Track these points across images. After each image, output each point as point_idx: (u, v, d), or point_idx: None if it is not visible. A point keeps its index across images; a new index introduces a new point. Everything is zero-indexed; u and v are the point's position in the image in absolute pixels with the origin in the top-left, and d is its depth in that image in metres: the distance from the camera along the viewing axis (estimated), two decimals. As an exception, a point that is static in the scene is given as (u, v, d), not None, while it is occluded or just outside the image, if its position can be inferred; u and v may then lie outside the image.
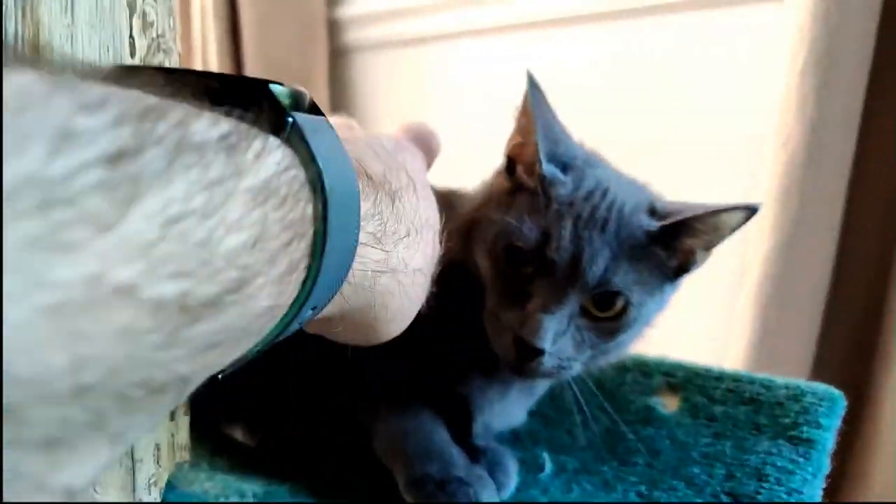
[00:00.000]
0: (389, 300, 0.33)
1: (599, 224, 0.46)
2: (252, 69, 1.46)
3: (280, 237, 0.22)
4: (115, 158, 0.17)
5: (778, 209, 0.89)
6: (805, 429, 0.51)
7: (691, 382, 0.57)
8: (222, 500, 0.46)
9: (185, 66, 1.55)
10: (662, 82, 1.09)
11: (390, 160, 0.35)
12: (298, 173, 0.23)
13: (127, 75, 0.21)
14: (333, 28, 1.46)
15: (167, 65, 0.36)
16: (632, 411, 0.56)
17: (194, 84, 0.25)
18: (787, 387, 0.54)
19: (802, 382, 0.54)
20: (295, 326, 0.26)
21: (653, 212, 0.49)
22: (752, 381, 0.55)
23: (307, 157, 0.24)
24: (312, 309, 0.26)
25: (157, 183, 0.17)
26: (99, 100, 0.17)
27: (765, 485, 0.48)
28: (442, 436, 0.49)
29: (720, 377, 0.57)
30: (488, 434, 0.55)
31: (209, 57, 1.47)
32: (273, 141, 0.23)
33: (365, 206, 0.29)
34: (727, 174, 1.03)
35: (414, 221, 0.34)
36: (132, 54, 0.33)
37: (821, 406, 0.52)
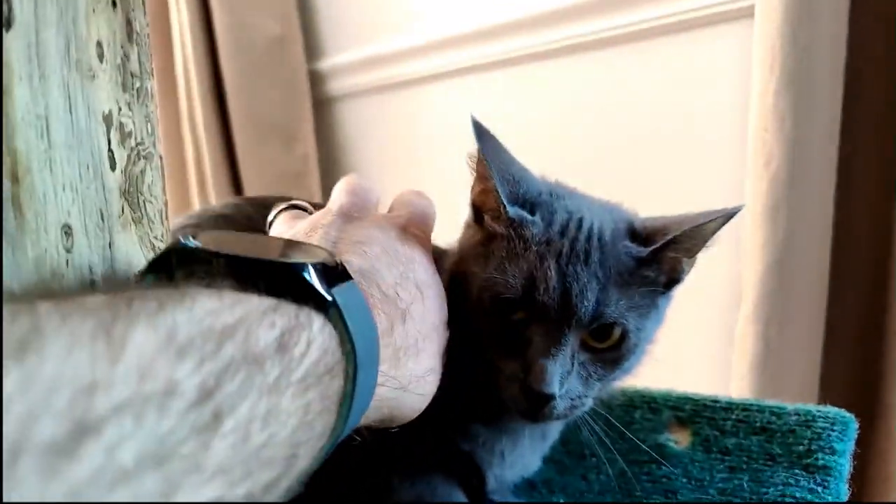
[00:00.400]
0: (404, 404, 0.37)
1: (582, 257, 0.45)
2: (238, 125, 1.47)
3: (319, 408, 0.25)
4: (202, 400, 0.20)
5: (767, 228, 0.89)
6: (820, 455, 0.50)
7: (700, 415, 0.57)
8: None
9: (170, 141, 1.56)
10: (642, 111, 1.10)
11: (402, 266, 0.39)
12: (336, 350, 0.27)
13: (188, 273, 0.27)
14: (315, 79, 1.48)
15: (149, 170, 0.36)
16: (644, 451, 0.56)
17: (243, 271, 0.28)
18: (797, 413, 0.54)
19: (813, 407, 0.54)
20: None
21: (633, 234, 0.48)
22: (761, 410, 0.55)
23: (344, 335, 0.28)
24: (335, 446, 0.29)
25: (233, 407, 0.21)
26: (188, 341, 0.20)
27: (785, 518, 0.47)
28: (458, 497, 0.49)
29: (729, 407, 0.56)
30: (504, 487, 0.54)
31: (196, 117, 1.48)
32: (317, 325, 0.26)
33: (384, 342, 0.33)
34: (711, 197, 1.03)
35: (421, 330, 0.37)
36: (112, 167, 0.33)
37: (833, 430, 0.51)
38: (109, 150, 0.33)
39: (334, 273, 0.30)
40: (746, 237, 0.93)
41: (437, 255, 0.54)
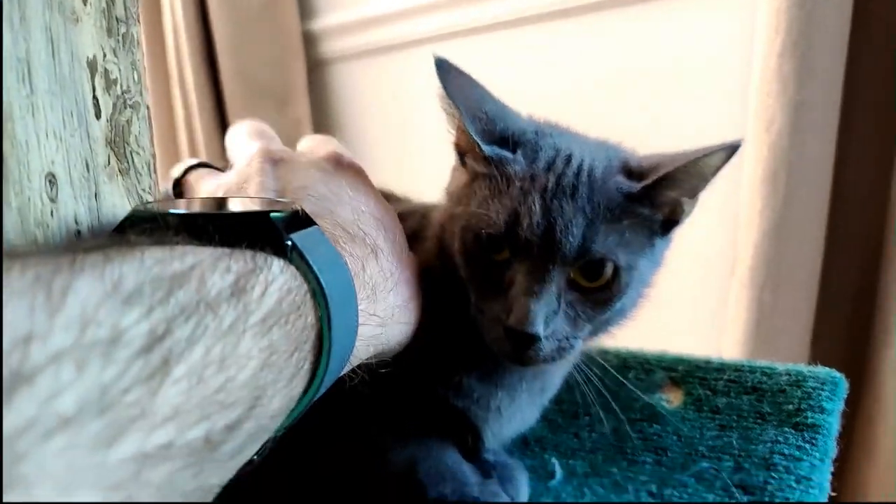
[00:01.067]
0: (390, 338, 0.37)
1: (568, 191, 0.43)
2: (230, 88, 1.45)
3: (286, 349, 0.25)
4: (150, 346, 0.20)
5: (766, 192, 0.88)
6: (809, 414, 0.51)
7: (693, 376, 0.57)
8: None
9: (160, 102, 1.55)
10: (643, 72, 1.09)
11: (353, 202, 0.39)
12: (300, 289, 0.27)
13: (141, 231, 0.27)
14: (309, 41, 1.46)
15: (135, 120, 0.35)
16: (636, 409, 0.56)
17: (202, 226, 0.28)
18: (788, 373, 0.54)
19: (804, 367, 0.54)
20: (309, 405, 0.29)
21: (629, 171, 0.46)
22: (753, 370, 0.55)
23: (308, 272, 0.27)
24: (324, 388, 0.30)
25: (184, 353, 0.21)
26: (136, 288, 0.20)
27: (773, 474, 0.48)
28: (452, 456, 0.49)
29: (721, 368, 0.57)
30: (503, 443, 0.54)
31: (186, 80, 1.46)
32: (276, 268, 0.26)
33: (358, 282, 0.33)
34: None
35: (393, 261, 0.37)
36: (97, 115, 0.33)
37: (823, 390, 0.52)
38: (94, 97, 0.32)
39: (296, 220, 0.31)
40: (744, 202, 0.93)
41: (429, 209, 0.54)
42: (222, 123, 1.51)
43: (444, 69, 0.45)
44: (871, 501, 0.87)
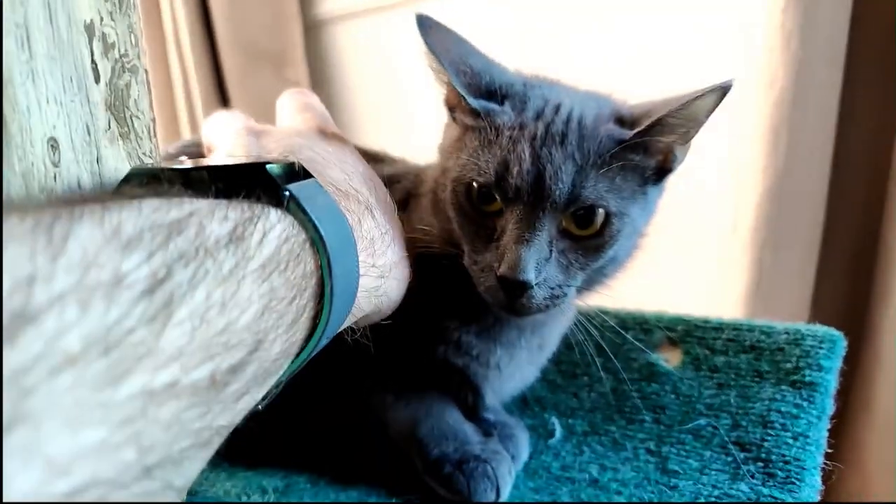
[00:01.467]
0: (388, 292, 0.38)
1: (557, 139, 0.43)
2: (227, 52, 1.44)
3: (287, 296, 0.26)
4: (153, 288, 0.21)
5: (768, 150, 0.88)
6: (807, 372, 0.51)
7: (691, 335, 0.58)
8: (244, 499, 0.47)
9: (157, 66, 1.53)
10: (645, 29, 1.07)
11: (340, 164, 0.40)
12: (298, 237, 0.28)
13: (142, 183, 0.28)
14: (305, 2, 1.44)
15: (134, 84, 0.35)
16: (635, 369, 0.57)
17: (201, 178, 0.30)
18: (786, 332, 0.55)
19: (802, 326, 0.55)
20: (311, 354, 0.30)
21: (620, 119, 0.45)
22: (751, 329, 0.56)
23: (305, 221, 0.28)
24: (327, 338, 0.30)
25: (186, 296, 0.21)
26: (136, 234, 0.21)
27: (770, 431, 0.49)
28: (453, 415, 0.50)
29: (719, 327, 0.57)
30: (502, 401, 0.55)
31: (182, 43, 1.44)
32: (273, 217, 0.27)
33: (357, 235, 0.33)
34: (713, 119, 1.02)
35: (386, 218, 0.38)
36: (97, 80, 0.33)
37: (821, 348, 0.52)
38: (93, 61, 0.32)
39: (293, 172, 0.31)
40: (746, 160, 0.92)
41: (422, 170, 0.54)
42: (220, 87, 1.49)
43: (426, 26, 0.45)
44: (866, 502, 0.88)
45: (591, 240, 0.44)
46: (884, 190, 0.87)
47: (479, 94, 0.45)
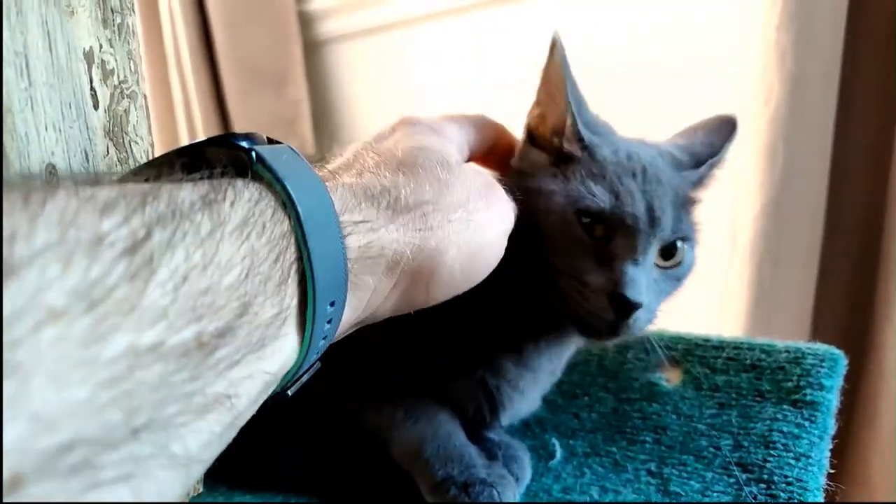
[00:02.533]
0: (406, 247, 0.33)
1: (655, 177, 0.47)
2: (227, 71, 1.45)
3: (269, 257, 0.26)
4: (133, 248, 0.21)
5: (765, 166, 0.88)
6: (808, 391, 0.51)
7: (691, 354, 0.58)
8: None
9: (158, 87, 1.54)
10: (642, 47, 1.08)
11: (384, 151, 0.38)
12: (270, 198, 0.27)
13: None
14: (305, 22, 1.45)
15: (133, 109, 0.35)
16: (635, 389, 0.57)
17: (171, 161, 0.30)
18: (787, 350, 0.54)
19: (802, 344, 0.55)
20: (325, 326, 0.29)
21: (676, 161, 0.50)
22: (752, 348, 0.56)
23: (273, 180, 0.28)
24: (331, 304, 0.29)
25: (165, 255, 0.22)
26: (111, 199, 0.21)
27: (773, 452, 0.48)
28: (460, 437, 0.50)
29: (720, 346, 0.57)
30: (511, 422, 0.55)
31: (183, 64, 1.45)
32: (241, 183, 0.27)
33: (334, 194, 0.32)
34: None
35: (381, 178, 0.35)
36: (95, 106, 0.33)
37: (822, 367, 0.52)
38: (91, 88, 0.32)
39: (260, 140, 0.31)
40: (743, 177, 0.93)
41: None
42: (220, 107, 1.50)
43: (560, 47, 0.49)
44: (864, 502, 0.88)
45: (672, 270, 0.48)
46: (882, 203, 0.87)
47: (586, 125, 0.49)
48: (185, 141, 1.53)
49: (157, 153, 0.39)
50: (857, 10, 0.85)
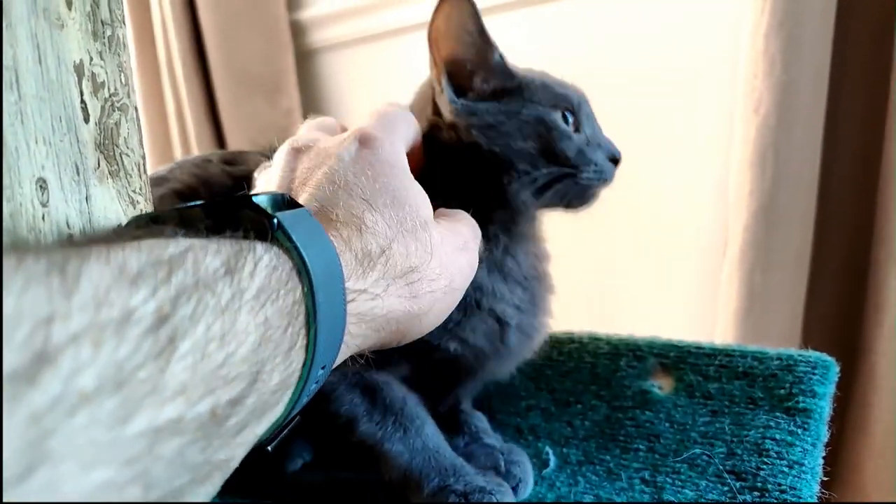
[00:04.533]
0: (393, 313, 0.35)
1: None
2: (220, 80, 1.45)
3: (281, 324, 0.26)
4: (158, 324, 0.21)
5: (755, 174, 0.89)
6: (801, 399, 0.51)
7: (684, 361, 0.58)
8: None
9: (150, 96, 1.53)
10: (632, 55, 1.08)
11: (347, 187, 0.37)
12: (285, 265, 0.28)
13: (140, 225, 0.30)
14: (297, 30, 1.45)
15: (124, 122, 0.35)
16: (628, 396, 0.57)
17: (194, 216, 0.31)
18: (779, 357, 0.55)
19: (794, 352, 0.55)
20: (312, 386, 0.30)
21: None
22: (744, 355, 0.56)
23: (290, 248, 0.28)
24: (322, 368, 0.30)
25: (188, 329, 0.22)
26: (140, 269, 0.22)
27: (766, 459, 0.48)
28: (448, 450, 0.50)
29: (712, 353, 0.57)
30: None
31: (176, 73, 1.45)
32: (261, 248, 0.27)
33: (344, 259, 0.33)
34: (700, 144, 1.03)
35: (388, 235, 0.36)
36: (86, 119, 0.33)
37: (814, 374, 0.52)
38: (82, 101, 0.32)
39: (281, 202, 0.32)
40: (733, 184, 0.93)
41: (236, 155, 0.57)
42: (213, 115, 1.50)
43: None
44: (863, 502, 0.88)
45: None
46: (872, 209, 0.88)
47: None
48: (177, 150, 1.53)
49: (149, 166, 0.39)
50: (846, 16, 0.86)
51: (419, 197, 0.39)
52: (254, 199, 0.31)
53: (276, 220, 0.29)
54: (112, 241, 0.23)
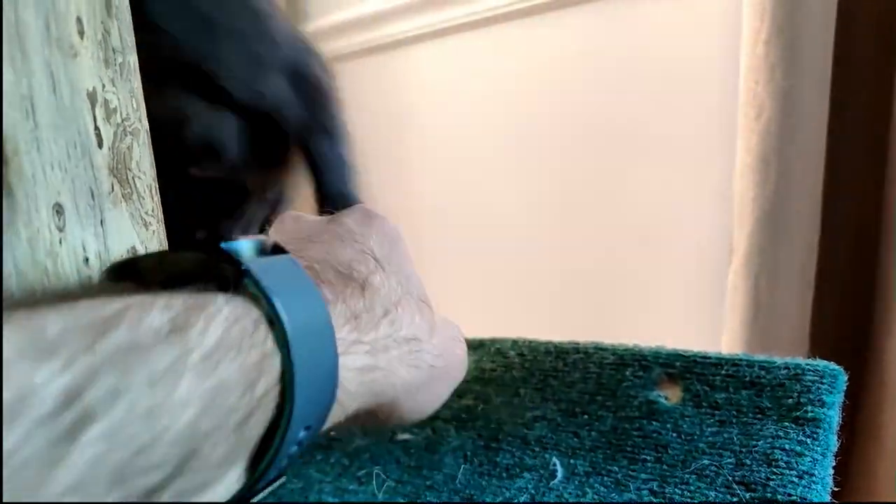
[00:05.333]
0: (391, 372, 0.33)
1: None
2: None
3: (238, 387, 0.23)
4: (64, 406, 0.18)
5: (758, 181, 0.89)
6: (809, 408, 0.51)
7: (690, 371, 0.58)
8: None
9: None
10: (632, 64, 1.09)
11: (356, 244, 0.36)
12: (250, 314, 0.25)
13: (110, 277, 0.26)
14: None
15: (136, 146, 0.36)
16: (635, 407, 0.57)
17: (178, 262, 0.28)
18: (787, 366, 0.55)
19: (802, 361, 0.55)
20: (293, 448, 0.27)
21: None
22: (751, 364, 0.56)
23: (258, 294, 0.25)
24: (307, 429, 0.27)
25: (106, 409, 0.19)
26: (56, 337, 0.19)
27: (775, 470, 0.48)
28: None
29: (718, 363, 0.57)
30: None
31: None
32: (222, 299, 0.24)
33: (334, 310, 0.30)
34: (701, 153, 1.03)
35: (391, 296, 0.34)
36: (100, 145, 0.33)
37: (823, 384, 0.52)
38: (95, 127, 0.33)
39: (263, 249, 0.29)
40: (737, 191, 0.93)
41: None
42: (217, 127, 1.51)
43: None
44: (869, 502, 0.88)
45: None
46: (878, 213, 0.88)
47: None
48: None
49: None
50: (846, 21, 0.86)
51: (418, 278, 0.38)
52: (226, 245, 0.27)
53: (244, 268, 0.26)
54: (78, 296, 0.21)
